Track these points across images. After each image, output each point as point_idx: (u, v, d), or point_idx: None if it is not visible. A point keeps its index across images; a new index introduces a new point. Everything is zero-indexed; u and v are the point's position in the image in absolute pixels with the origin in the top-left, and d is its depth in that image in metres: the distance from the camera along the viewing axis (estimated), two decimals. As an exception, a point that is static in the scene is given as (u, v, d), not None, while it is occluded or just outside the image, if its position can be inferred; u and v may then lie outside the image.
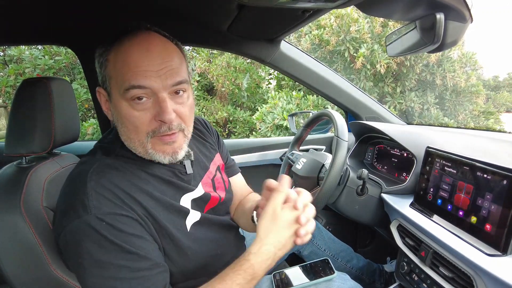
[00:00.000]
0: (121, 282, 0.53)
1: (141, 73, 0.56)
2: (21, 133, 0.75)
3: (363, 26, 3.92)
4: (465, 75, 4.28)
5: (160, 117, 0.58)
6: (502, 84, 13.38)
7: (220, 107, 4.47)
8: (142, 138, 0.60)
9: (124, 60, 0.57)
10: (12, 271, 0.66)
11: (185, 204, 0.69)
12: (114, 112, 0.62)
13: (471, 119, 4.51)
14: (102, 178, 0.58)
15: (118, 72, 0.58)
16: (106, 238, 0.53)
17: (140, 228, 0.58)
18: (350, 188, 0.97)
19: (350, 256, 1.17)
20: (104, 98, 0.64)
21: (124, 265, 0.54)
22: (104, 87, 0.62)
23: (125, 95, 0.57)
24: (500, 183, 0.63)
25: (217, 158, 0.86)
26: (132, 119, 0.58)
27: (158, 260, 0.58)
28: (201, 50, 4.62)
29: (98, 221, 0.53)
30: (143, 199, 0.61)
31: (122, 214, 0.56)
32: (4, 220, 0.66)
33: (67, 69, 3.98)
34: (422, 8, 0.76)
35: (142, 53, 0.57)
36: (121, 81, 0.58)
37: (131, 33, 0.59)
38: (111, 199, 0.56)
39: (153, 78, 0.57)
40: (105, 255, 0.53)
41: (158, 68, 0.57)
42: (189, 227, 0.68)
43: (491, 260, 0.60)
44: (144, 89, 0.57)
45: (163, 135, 0.60)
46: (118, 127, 0.63)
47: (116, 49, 0.59)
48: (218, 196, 0.78)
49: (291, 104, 3.56)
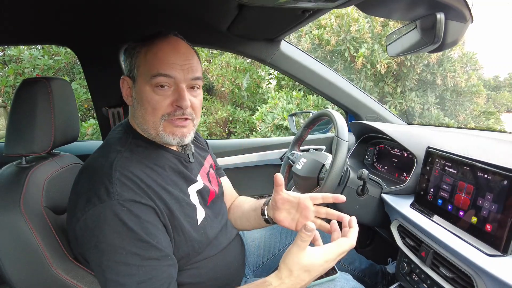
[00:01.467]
0: (131, 268, 0.57)
1: (169, 65, 0.67)
2: (20, 133, 0.75)
3: (364, 26, 3.91)
4: (465, 75, 4.27)
5: (178, 103, 0.67)
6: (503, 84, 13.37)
7: (220, 107, 4.46)
8: (156, 120, 0.68)
9: (155, 53, 0.67)
10: (12, 271, 0.66)
11: (193, 197, 0.75)
12: (136, 96, 0.70)
13: (471, 119, 4.51)
14: (125, 169, 0.63)
15: (148, 62, 0.67)
16: (124, 223, 0.57)
17: (155, 218, 0.63)
18: (351, 188, 0.96)
19: (353, 258, 1.16)
20: (127, 85, 0.72)
21: (135, 253, 0.57)
22: (131, 75, 0.71)
23: (151, 81, 0.66)
24: (500, 183, 0.63)
25: (209, 158, 0.95)
26: (152, 101, 0.67)
27: (167, 252, 0.62)
28: (201, 50, 4.62)
29: (120, 206, 0.58)
30: (161, 191, 0.66)
31: (141, 202, 0.61)
32: (4, 220, 0.66)
33: (66, 69, 3.98)
34: (422, 8, 0.76)
35: (170, 50, 0.68)
36: (149, 69, 0.67)
37: (163, 35, 0.70)
38: (133, 188, 0.61)
39: (178, 70, 0.67)
40: (120, 240, 0.57)
41: (182, 63, 0.68)
42: (199, 221, 0.74)
43: (491, 260, 0.60)
44: (169, 78, 0.67)
45: (176, 118, 0.69)
46: (136, 110, 0.70)
47: (149, 45, 0.69)
48: (214, 190, 0.85)
49: (291, 104, 3.55)
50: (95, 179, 0.62)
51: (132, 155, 0.68)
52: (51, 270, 0.67)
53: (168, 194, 0.68)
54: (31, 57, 3.61)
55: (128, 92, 0.73)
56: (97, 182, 0.61)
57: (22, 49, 3.76)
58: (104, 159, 0.65)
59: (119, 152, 0.67)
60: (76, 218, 0.60)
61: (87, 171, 0.67)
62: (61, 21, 1.07)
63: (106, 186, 0.60)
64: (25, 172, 0.74)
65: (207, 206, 0.80)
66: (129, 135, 0.72)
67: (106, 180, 0.61)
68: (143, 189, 0.63)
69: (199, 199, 0.77)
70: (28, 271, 0.67)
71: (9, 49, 3.76)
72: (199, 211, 0.75)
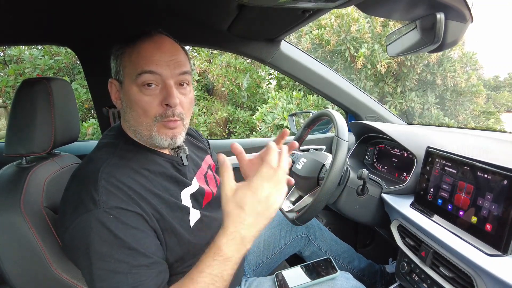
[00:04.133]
0: (119, 276, 0.56)
1: (153, 61, 0.65)
2: (21, 133, 0.75)
3: (364, 26, 3.91)
4: (465, 75, 4.27)
5: (167, 101, 0.65)
6: (503, 84, 13.36)
7: (220, 107, 4.46)
8: (150, 121, 0.67)
9: (139, 52, 0.66)
10: (12, 271, 0.66)
11: (185, 201, 0.73)
12: (124, 99, 0.69)
13: (471, 119, 4.51)
14: (111, 177, 0.62)
15: (133, 61, 0.66)
16: (111, 231, 0.56)
17: (143, 224, 0.61)
18: (351, 188, 0.96)
19: (352, 257, 1.16)
20: (115, 88, 0.71)
21: (123, 260, 0.56)
22: (117, 77, 0.69)
23: (136, 80, 0.65)
24: (500, 183, 0.63)
25: (208, 159, 0.93)
26: (142, 103, 0.66)
27: (157, 259, 0.61)
28: (201, 50, 4.62)
29: (106, 215, 0.57)
30: (149, 197, 0.65)
31: (128, 209, 0.59)
32: (4, 220, 0.66)
33: (67, 69, 3.98)
34: (422, 8, 0.76)
35: (155, 48, 0.66)
36: (134, 68, 0.65)
37: (147, 34, 0.68)
38: (119, 195, 0.60)
39: (164, 66, 0.66)
40: (108, 248, 0.56)
41: (168, 59, 0.66)
42: (192, 223, 0.72)
43: (491, 260, 0.60)
44: (154, 75, 0.65)
45: (167, 120, 0.67)
46: (126, 113, 0.69)
47: (133, 45, 0.67)
48: (211, 191, 0.83)
49: (291, 104, 3.55)
50: (82, 187, 0.61)
51: (121, 161, 0.67)
52: (51, 270, 0.67)
53: (158, 198, 0.66)
54: (31, 57, 3.61)
55: (117, 95, 0.71)
56: (83, 190, 0.60)
57: (22, 49, 3.76)
58: (92, 166, 0.64)
59: (107, 159, 0.65)
60: (65, 227, 0.60)
61: (76, 178, 0.66)
62: (62, 21, 1.07)
63: (92, 194, 0.58)
64: (25, 172, 0.74)
65: (202, 208, 0.78)
66: (120, 140, 0.71)
67: (92, 188, 0.59)
68: (130, 195, 0.61)
69: (192, 202, 0.75)
70: (28, 271, 0.67)
71: (10, 49, 3.77)
72: (193, 214, 0.73)
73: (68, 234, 0.59)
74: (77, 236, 0.58)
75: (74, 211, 0.58)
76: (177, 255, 0.68)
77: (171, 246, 0.67)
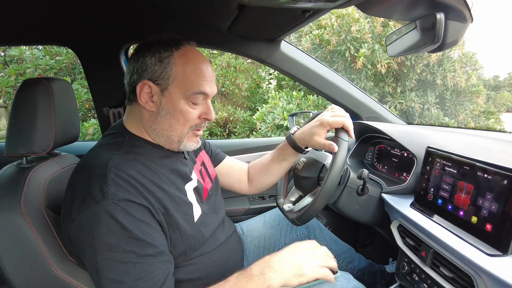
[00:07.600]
0: (127, 266, 0.58)
1: (208, 83, 0.71)
2: (21, 134, 0.75)
3: (364, 26, 3.90)
4: (465, 75, 4.26)
5: (208, 116, 0.74)
6: (503, 84, 13.34)
7: (220, 107, 4.46)
8: (185, 130, 0.73)
9: (194, 69, 0.70)
10: (12, 271, 0.66)
11: (190, 195, 0.77)
12: (165, 105, 0.70)
13: (471, 119, 4.50)
14: (120, 170, 0.64)
15: (188, 77, 0.69)
16: (119, 223, 0.58)
17: (149, 216, 0.63)
18: (351, 188, 0.96)
19: (352, 257, 1.16)
20: (147, 90, 0.70)
21: (131, 250, 0.58)
22: (158, 82, 0.69)
23: (190, 97, 0.70)
24: (500, 183, 0.63)
25: (203, 154, 0.97)
26: (187, 114, 0.71)
27: (163, 249, 0.63)
28: (201, 50, 4.62)
29: (114, 206, 0.59)
30: (156, 191, 0.67)
31: (135, 201, 0.61)
32: (4, 220, 0.66)
33: (67, 69, 3.98)
34: (422, 8, 0.76)
35: (205, 65, 0.72)
36: (190, 86, 0.69)
37: (189, 44, 0.73)
38: (127, 188, 0.62)
39: (212, 88, 0.73)
40: (115, 239, 0.58)
41: (212, 79, 0.73)
42: (196, 218, 0.75)
43: (491, 260, 0.60)
44: (205, 95, 0.72)
45: (199, 129, 0.75)
46: (161, 117, 0.71)
47: (181, 54, 0.70)
48: (206, 187, 0.87)
49: (291, 104, 3.55)
50: (90, 180, 0.62)
51: (128, 155, 0.68)
52: (51, 270, 0.67)
53: (164, 192, 0.68)
54: (32, 58, 3.62)
55: (148, 97, 0.70)
56: (92, 183, 0.61)
57: (23, 49, 3.76)
58: (100, 159, 0.66)
59: (115, 153, 0.67)
60: (72, 218, 0.61)
61: (83, 171, 0.67)
62: (63, 21, 1.07)
63: (101, 186, 0.60)
64: (26, 172, 0.74)
65: (203, 203, 0.81)
66: (125, 136, 0.73)
67: (101, 181, 0.61)
68: (137, 189, 0.63)
69: (196, 197, 0.78)
70: (28, 271, 0.67)
71: (11, 49, 3.77)
72: (196, 209, 0.76)
73: (75, 226, 0.60)
74: (84, 227, 0.59)
75: (83, 203, 0.60)
76: (180, 250, 0.70)
77: (174, 241, 0.69)
